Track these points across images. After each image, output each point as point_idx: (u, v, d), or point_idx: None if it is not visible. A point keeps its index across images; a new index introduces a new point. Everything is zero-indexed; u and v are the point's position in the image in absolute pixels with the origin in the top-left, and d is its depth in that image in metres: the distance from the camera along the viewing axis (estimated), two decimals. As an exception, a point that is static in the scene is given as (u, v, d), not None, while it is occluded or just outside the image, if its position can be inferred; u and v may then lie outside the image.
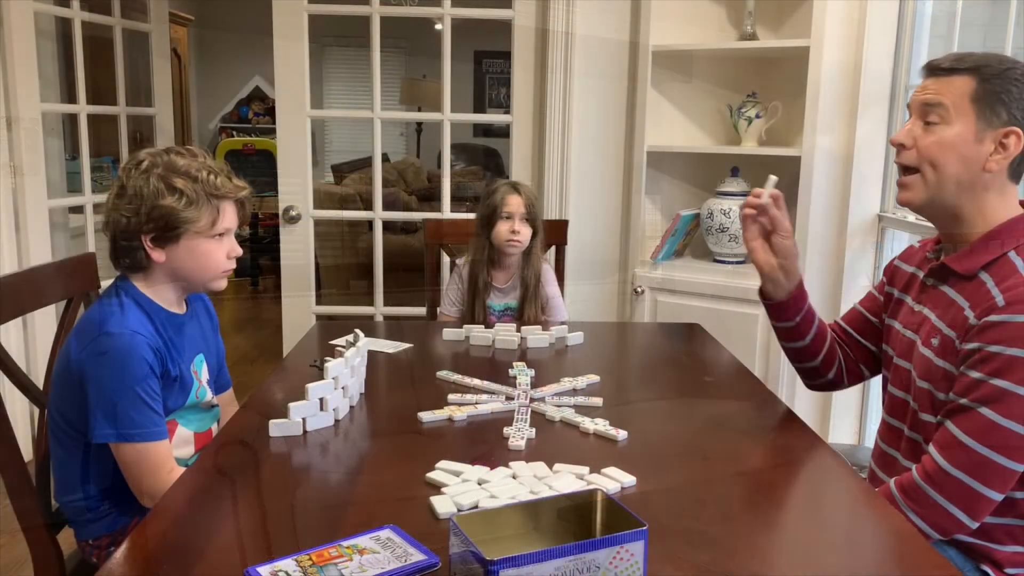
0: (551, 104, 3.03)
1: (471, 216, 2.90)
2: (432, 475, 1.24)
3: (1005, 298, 1.29)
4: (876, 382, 2.67)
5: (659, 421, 1.55)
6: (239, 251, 1.60)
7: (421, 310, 2.87)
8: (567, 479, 1.23)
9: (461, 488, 1.20)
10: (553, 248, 2.68)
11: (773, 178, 1.56)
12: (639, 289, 2.95)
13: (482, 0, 3.19)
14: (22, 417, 3.01)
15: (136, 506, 1.49)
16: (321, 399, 1.44)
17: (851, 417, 2.81)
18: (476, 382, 1.70)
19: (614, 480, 1.24)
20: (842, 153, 2.72)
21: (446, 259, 2.79)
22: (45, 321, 3.03)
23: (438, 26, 3.23)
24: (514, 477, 1.25)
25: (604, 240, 3.17)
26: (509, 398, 1.61)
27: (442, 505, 1.15)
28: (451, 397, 1.61)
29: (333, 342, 1.94)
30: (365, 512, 1.15)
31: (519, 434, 1.41)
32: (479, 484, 1.22)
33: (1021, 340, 1.25)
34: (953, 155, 1.37)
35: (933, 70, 1.41)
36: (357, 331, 1.65)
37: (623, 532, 0.91)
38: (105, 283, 1.67)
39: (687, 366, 1.95)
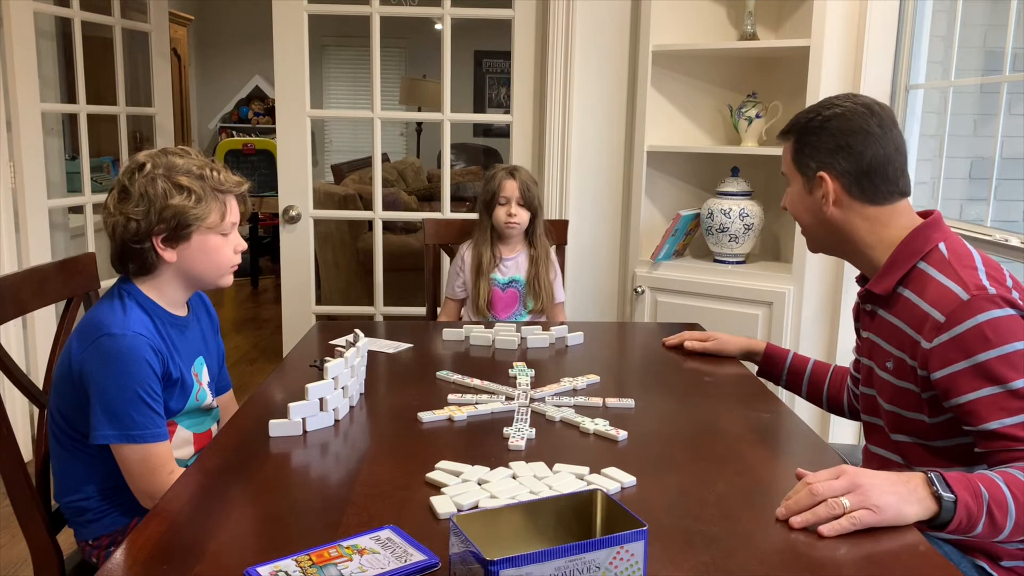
0: (551, 104, 3.02)
1: (471, 216, 2.91)
2: (432, 475, 1.25)
3: (941, 312, 1.32)
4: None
5: (659, 421, 1.55)
6: (244, 245, 1.63)
7: (421, 310, 2.87)
8: (567, 479, 1.23)
9: (461, 488, 1.20)
10: (553, 248, 2.68)
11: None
12: (639, 289, 2.95)
13: (482, 0, 3.19)
14: (22, 417, 3.01)
15: (136, 506, 1.49)
16: (321, 399, 1.44)
17: (851, 417, 2.81)
18: (476, 382, 1.70)
19: (614, 480, 1.24)
20: (842, 153, 2.72)
21: (446, 259, 2.79)
22: (45, 321, 3.03)
23: (438, 26, 3.23)
24: (514, 477, 1.25)
25: (604, 240, 3.17)
26: (509, 398, 1.61)
27: (442, 505, 1.15)
28: (451, 397, 1.61)
29: (333, 342, 1.95)
30: (365, 512, 1.15)
31: (519, 434, 1.41)
32: (479, 484, 1.22)
33: (985, 342, 1.27)
34: (800, 210, 1.53)
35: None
36: (357, 331, 1.66)
37: (623, 532, 0.91)
38: (105, 283, 1.67)
39: (687, 366, 1.95)
